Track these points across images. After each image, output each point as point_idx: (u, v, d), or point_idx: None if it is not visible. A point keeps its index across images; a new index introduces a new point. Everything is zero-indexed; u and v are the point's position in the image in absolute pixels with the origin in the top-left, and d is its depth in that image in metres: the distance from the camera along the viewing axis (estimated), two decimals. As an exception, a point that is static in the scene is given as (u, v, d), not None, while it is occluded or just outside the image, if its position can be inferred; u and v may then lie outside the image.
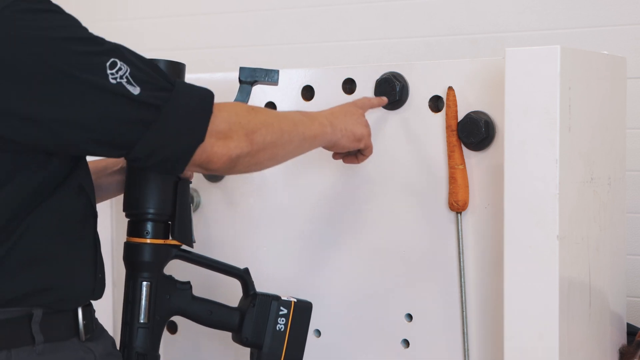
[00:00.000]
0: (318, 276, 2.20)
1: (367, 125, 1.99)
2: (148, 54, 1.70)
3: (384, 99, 2.06)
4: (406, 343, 2.12)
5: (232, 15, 3.50)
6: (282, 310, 1.92)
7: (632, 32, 2.87)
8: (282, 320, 1.92)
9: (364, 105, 2.03)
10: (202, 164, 1.69)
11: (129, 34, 3.55)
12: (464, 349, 2.04)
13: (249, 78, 1.92)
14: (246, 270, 1.97)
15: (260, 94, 2.25)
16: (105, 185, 1.99)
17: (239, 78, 1.91)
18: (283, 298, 1.94)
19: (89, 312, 1.74)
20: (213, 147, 1.68)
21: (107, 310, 2.35)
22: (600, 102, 2.05)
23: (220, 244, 2.28)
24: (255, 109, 1.79)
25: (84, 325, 1.70)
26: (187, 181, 1.92)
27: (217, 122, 1.68)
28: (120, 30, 3.58)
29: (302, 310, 1.95)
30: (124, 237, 1.92)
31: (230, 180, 2.29)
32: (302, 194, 2.23)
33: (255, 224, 2.27)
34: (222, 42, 3.51)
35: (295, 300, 1.95)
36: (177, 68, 1.86)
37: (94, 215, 1.75)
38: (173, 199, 1.87)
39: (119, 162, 2.00)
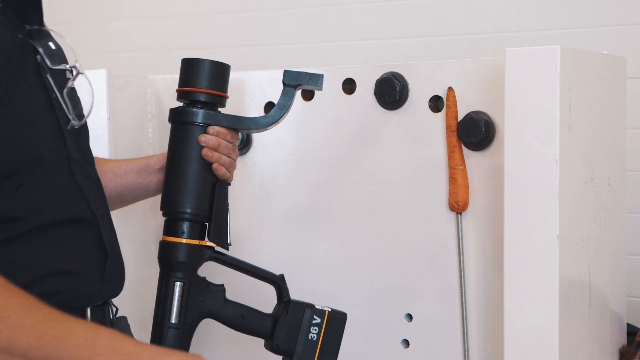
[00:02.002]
0: (318, 277, 2.20)
1: None
2: (149, 54, 1.69)
3: None
4: (406, 343, 2.12)
5: (232, 15, 3.49)
6: (315, 319, 1.86)
7: (632, 32, 2.86)
8: (315, 330, 1.86)
9: None
10: None
11: (129, 34, 3.54)
12: (464, 349, 2.04)
13: (293, 82, 1.86)
14: (281, 277, 1.90)
15: (259, 94, 2.25)
16: (146, 183, 1.95)
17: (283, 81, 1.86)
18: (317, 307, 1.87)
19: (100, 312, 1.69)
20: None
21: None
22: (600, 102, 2.04)
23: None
24: (4, 287, 1.42)
25: None
26: (227, 183, 1.87)
27: None
28: (121, 30, 3.58)
29: (336, 320, 1.87)
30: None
31: (230, 180, 2.28)
32: (302, 195, 2.22)
33: (256, 225, 2.27)
34: (221, 42, 3.51)
35: (330, 309, 1.88)
36: (222, 69, 1.83)
37: (92, 220, 1.68)
38: (210, 200, 1.83)
39: (161, 161, 1.94)
